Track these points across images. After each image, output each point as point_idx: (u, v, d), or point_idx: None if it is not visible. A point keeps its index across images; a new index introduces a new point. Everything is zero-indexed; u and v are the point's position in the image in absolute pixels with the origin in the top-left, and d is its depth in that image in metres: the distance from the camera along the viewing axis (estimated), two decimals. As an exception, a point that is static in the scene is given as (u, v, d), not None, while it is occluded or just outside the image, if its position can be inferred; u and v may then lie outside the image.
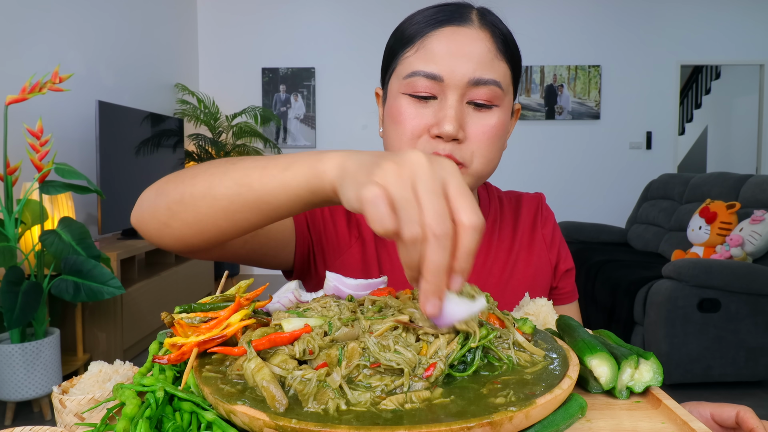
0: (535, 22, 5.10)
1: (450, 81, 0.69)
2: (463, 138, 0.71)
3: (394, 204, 0.37)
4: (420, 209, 0.37)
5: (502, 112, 0.73)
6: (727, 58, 5.23)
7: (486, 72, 0.70)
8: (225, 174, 0.53)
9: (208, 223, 0.55)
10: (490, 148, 0.72)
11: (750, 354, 2.61)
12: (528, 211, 0.89)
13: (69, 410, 0.53)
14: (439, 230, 0.37)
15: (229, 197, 0.52)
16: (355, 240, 0.82)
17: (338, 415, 0.38)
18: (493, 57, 0.71)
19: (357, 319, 0.49)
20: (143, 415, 0.42)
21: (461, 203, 0.38)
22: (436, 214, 0.37)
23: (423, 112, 0.71)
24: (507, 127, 0.76)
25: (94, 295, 2.29)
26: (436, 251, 0.37)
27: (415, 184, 0.38)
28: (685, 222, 3.51)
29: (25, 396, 2.29)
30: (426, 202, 0.37)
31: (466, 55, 0.70)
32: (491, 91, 0.71)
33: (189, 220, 0.55)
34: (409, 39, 0.73)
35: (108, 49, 3.66)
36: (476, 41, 0.71)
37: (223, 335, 0.48)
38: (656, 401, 0.49)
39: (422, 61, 0.71)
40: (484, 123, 0.71)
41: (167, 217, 0.56)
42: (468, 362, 0.46)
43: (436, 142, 0.70)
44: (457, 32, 0.71)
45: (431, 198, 0.37)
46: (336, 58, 5.05)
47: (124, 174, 3.36)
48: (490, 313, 0.50)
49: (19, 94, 2.26)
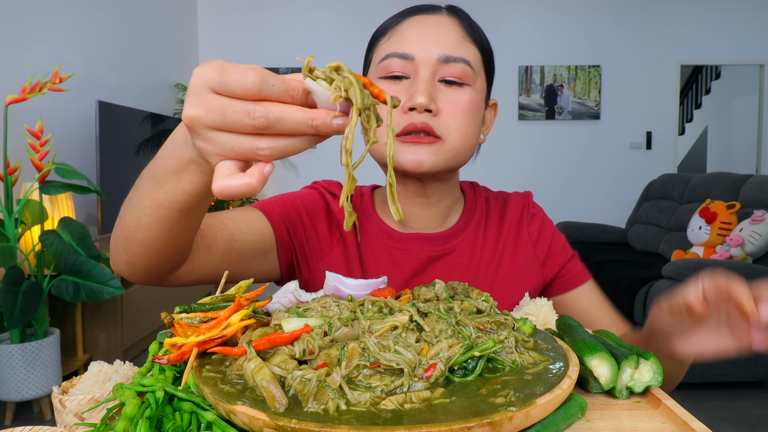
0: (535, 22, 5.10)
1: (421, 59, 0.73)
2: (436, 111, 0.73)
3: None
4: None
5: (474, 91, 0.76)
6: (727, 58, 5.23)
7: (455, 51, 0.74)
8: (138, 203, 0.56)
9: (155, 246, 0.58)
10: (464, 123, 0.75)
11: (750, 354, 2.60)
12: (514, 210, 0.90)
13: (69, 410, 0.53)
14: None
15: (154, 221, 0.55)
16: (337, 241, 0.83)
17: (338, 415, 0.38)
18: (462, 38, 0.75)
19: (357, 319, 0.49)
20: (143, 415, 0.42)
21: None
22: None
23: (397, 91, 0.74)
24: (480, 108, 0.78)
25: (94, 295, 2.29)
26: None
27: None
28: (685, 222, 3.51)
29: (25, 396, 2.29)
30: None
31: (435, 36, 0.74)
32: (462, 69, 0.74)
33: (140, 251, 0.59)
34: (383, 31, 0.80)
35: (108, 49, 3.66)
36: (444, 25, 0.76)
37: (223, 335, 0.48)
38: (656, 401, 0.49)
39: (395, 44, 0.76)
40: (456, 98, 0.74)
41: (126, 254, 0.61)
42: (469, 369, 0.45)
43: (410, 115, 0.72)
44: (426, 18, 0.77)
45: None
46: (336, 58, 5.05)
47: (124, 174, 3.36)
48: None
49: (19, 94, 2.26)
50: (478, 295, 0.59)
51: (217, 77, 0.39)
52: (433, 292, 0.58)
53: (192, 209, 0.55)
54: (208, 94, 0.40)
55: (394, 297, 0.58)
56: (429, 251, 0.83)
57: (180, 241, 0.60)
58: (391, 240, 0.83)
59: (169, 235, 0.57)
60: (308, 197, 0.85)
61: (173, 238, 0.58)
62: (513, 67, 5.11)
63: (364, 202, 0.88)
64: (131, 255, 0.60)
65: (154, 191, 0.53)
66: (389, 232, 0.84)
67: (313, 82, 0.39)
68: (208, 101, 0.40)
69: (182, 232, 0.58)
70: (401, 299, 0.57)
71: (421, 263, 0.82)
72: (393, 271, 0.82)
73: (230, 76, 0.39)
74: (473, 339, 0.48)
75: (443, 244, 0.84)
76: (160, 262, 0.61)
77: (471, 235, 0.86)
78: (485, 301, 0.56)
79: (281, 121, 0.39)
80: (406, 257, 0.83)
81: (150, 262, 0.61)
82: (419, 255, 0.83)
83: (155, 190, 0.53)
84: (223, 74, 0.39)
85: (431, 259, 0.83)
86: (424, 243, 0.83)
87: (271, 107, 0.39)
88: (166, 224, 0.55)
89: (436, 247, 0.83)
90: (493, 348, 0.46)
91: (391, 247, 0.83)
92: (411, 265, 0.82)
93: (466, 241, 0.85)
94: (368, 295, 0.55)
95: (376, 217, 0.86)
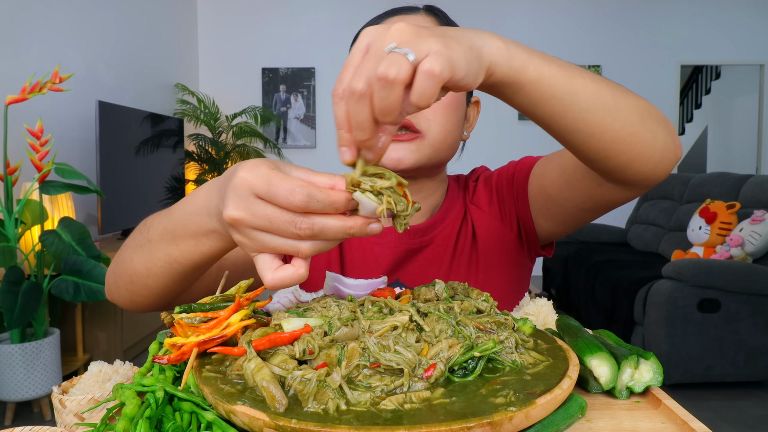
0: (535, 22, 5.10)
1: None
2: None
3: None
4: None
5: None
6: (727, 58, 5.23)
7: None
8: (150, 253, 0.59)
9: (162, 290, 0.62)
10: (445, 116, 0.75)
11: (750, 354, 2.61)
12: (481, 189, 0.87)
13: (69, 410, 0.53)
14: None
15: (166, 273, 0.59)
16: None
17: (338, 415, 0.38)
18: None
19: (357, 319, 0.49)
20: (143, 415, 0.42)
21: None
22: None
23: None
24: (461, 104, 0.78)
25: (94, 295, 2.29)
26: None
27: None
28: (685, 222, 3.51)
29: (25, 396, 2.29)
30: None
31: None
32: None
33: (145, 293, 0.63)
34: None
35: (108, 49, 3.66)
36: (421, 23, 0.77)
37: (222, 335, 0.48)
38: (656, 401, 0.49)
39: None
40: None
41: (129, 293, 0.64)
42: (469, 370, 0.45)
43: None
44: (403, 18, 0.79)
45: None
46: (336, 58, 5.05)
47: (124, 174, 3.36)
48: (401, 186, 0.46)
49: (19, 94, 2.26)
50: (478, 295, 0.59)
51: (265, 188, 0.42)
52: (433, 292, 0.58)
53: (205, 265, 0.59)
54: (254, 199, 0.43)
55: (394, 297, 0.58)
56: (408, 244, 0.83)
57: (187, 286, 0.64)
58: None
59: (179, 283, 0.61)
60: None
61: (182, 286, 0.62)
62: (513, 67, 5.11)
63: None
64: (135, 295, 0.64)
65: (168, 247, 0.56)
66: None
67: (362, 195, 0.43)
68: (253, 206, 0.43)
69: (192, 281, 0.63)
70: (401, 299, 0.57)
71: (399, 257, 0.83)
72: (373, 266, 0.83)
73: (278, 190, 0.42)
74: (473, 339, 0.48)
75: (421, 236, 0.83)
76: (163, 301, 0.65)
77: (449, 226, 0.85)
78: (485, 301, 0.56)
79: (324, 232, 0.43)
80: (385, 251, 0.83)
81: (153, 302, 0.65)
82: (398, 248, 0.83)
83: (170, 246, 0.56)
84: (271, 186, 0.42)
85: (410, 252, 0.83)
86: (403, 237, 0.83)
87: (316, 220, 0.43)
88: (177, 277, 0.59)
89: (415, 240, 0.83)
90: (493, 349, 0.46)
91: (370, 241, 0.83)
92: (389, 259, 0.82)
93: (444, 232, 0.85)
94: (368, 295, 0.55)
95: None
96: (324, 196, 0.42)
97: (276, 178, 0.42)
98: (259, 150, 4.86)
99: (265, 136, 4.89)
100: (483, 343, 0.47)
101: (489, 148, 4.83)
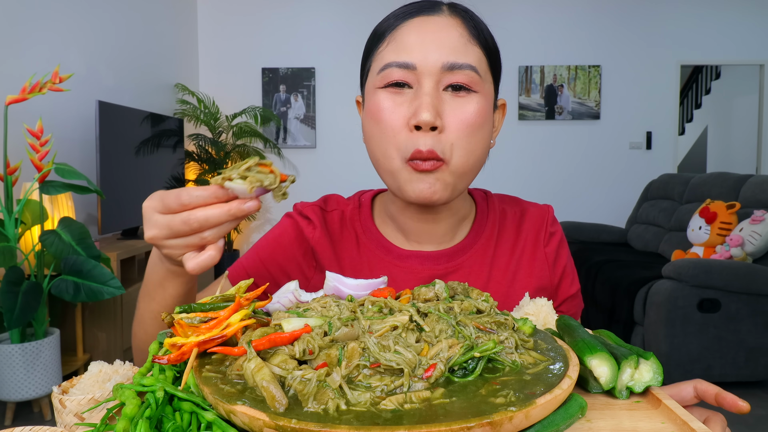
0: (535, 22, 5.10)
1: (423, 68, 0.67)
2: (442, 127, 0.67)
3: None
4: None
5: (482, 99, 0.70)
6: (727, 58, 5.23)
7: (460, 56, 0.68)
8: (141, 319, 0.69)
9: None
10: (470, 138, 0.68)
11: (750, 354, 2.61)
12: (531, 224, 0.83)
13: (69, 410, 0.53)
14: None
15: (156, 327, 0.68)
16: (314, 271, 0.82)
17: (338, 415, 0.38)
18: (466, 42, 0.69)
19: (357, 319, 0.49)
20: (143, 415, 0.42)
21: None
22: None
23: (400, 104, 0.68)
24: (488, 117, 0.71)
25: (94, 295, 2.28)
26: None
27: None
28: (685, 222, 3.51)
29: (25, 396, 2.29)
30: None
31: (438, 41, 0.68)
32: (467, 75, 0.68)
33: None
34: (381, 35, 0.72)
35: (108, 49, 3.66)
36: (447, 27, 0.69)
37: (222, 335, 0.48)
38: (656, 401, 0.49)
39: (394, 52, 0.69)
40: (463, 110, 0.68)
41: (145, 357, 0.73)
42: (469, 370, 0.45)
43: (416, 136, 0.67)
44: (427, 21, 0.70)
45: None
46: (336, 58, 5.05)
47: (124, 174, 3.36)
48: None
49: (19, 94, 2.26)
50: (478, 295, 0.59)
51: (159, 203, 0.54)
52: (433, 292, 0.58)
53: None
54: (157, 216, 0.54)
55: (394, 297, 0.58)
56: (431, 270, 0.78)
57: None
58: (390, 256, 0.79)
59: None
60: (281, 234, 0.82)
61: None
62: (513, 67, 5.11)
63: (363, 213, 0.83)
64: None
65: (149, 305, 0.67)
66: (389, 248, 0.79)
67: (231, 183, 0.52)
68: (157, 221, 0.54)
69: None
70: (401, 299, 0.57)
71: (421, 283, 0.76)
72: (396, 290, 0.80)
73: (168, 198, 0.53)
74: (473, 339, 0.48)
75: (447, 262, 0.78)
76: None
77: (479, 253, 0.80)
78: (485, 301, 0.56)
79: (209, 219, 0.52)
80: (407, 276, 0.78)
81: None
82: (420, 274, 0.78)
83: (150, 303, 0.67)
84: (163, 198, 0.54)
85: (433, 278, 0.77)
86: (426, 262, 0.78)
87: (201, 213, 0.52)
88: (165, 327, 0.66)
89: (439, 265, 0.78)
90: (493, 349, 0.46)
91: (390, 264, 0.79)
92: (411, 285, 0.76)
93: (473, 258, 0.79)
94: (368, 295, 0.55)
95: (375, 230, 0.81)
96: (200, 191, 0.52)
97: (165, 193, 0.54)
98: (259, 150, 4.86)
99: (265, 136, 4.90)
100: (483, 343, 0.47)
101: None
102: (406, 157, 0.68)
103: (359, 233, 0.81)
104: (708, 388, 0.55)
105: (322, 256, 0.81)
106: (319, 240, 0.81)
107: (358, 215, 0.83)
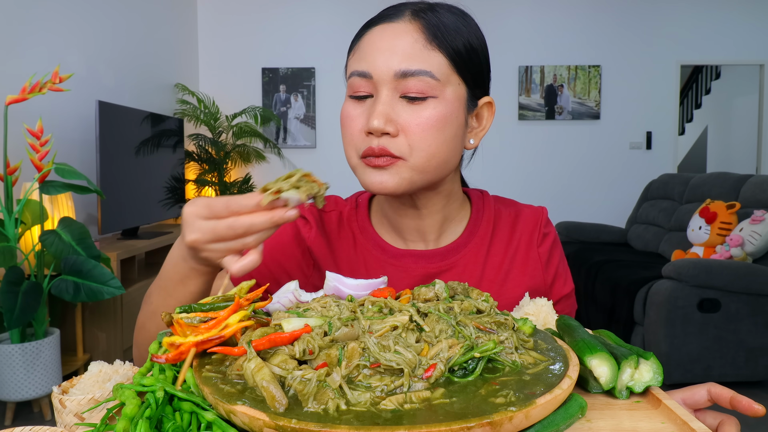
0: (535, 22, 5.10)
1: (378, 76, 0.70)
2: (395, 131, 0.69)
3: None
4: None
5: (440, 103, 0.70)
6: (727, 58, 5.23)
7: (413, 63, 0.69)
8: (155, 313, 0.71)
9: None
10: (429, 140, 0.70)
11: (750, 354, 2.61)
12: (525, 225, 0.85)
13: (69, 410, 0.53)
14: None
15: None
16: (312, 270, 0.83)
17: (338, 415, 0.38)
18: (422, 47, 0.70)
19: (357, 319, 0.49)
20: (143, 415, 0.42)
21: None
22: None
23: (360, 112, 0.72)
24: (450, 119, 0.71)
25: (94, 295, 2.28)
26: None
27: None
28: (685, 222, 3.51)
29: (25, 396, 2.29)
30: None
31: (391, 48, 0.70)
32: (422, 82, 0.69)
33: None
34: (352, 44, 0.77)
35: (108, 49, 3.66)
36: (402, 34, 0.70)
37: (221, 336, 0.48)
38: (656, 401, 0.49)
39: (356, 62, 0.73)
40: (419, 115, 0.69)
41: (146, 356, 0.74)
42: (469, 370, 0.45)
43: (369, 138, 0.71)
44: (386, 29, 0.72)
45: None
46: (336, 58, 5.04)
47: (124, 174, 3.36)
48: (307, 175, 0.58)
49: (19, 94, 2.26)
50: (478, 295, 0.59)
51: (206, 210, 0.57)
52: (433, 292, 0.58)
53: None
54: (200, 221, 0.57)
55: (394, 297, 0.58)
56: (424, 269, 0.80)
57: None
58: (386, 255, 0.82)
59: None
60: (280, 234, 0.83)
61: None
62: (513, 67, 5.11)
63: (360, 214, 0.85)
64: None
65: (166, 300, 0.69)
66: (385, 248, 0.82)
67: (288, 193, 0.56)
68: (201, 226, 0.57)
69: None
70: (401, 299, 0.57)
71: (416, 281, 0.80)
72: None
73: (216, 205, 0.57)
74: (473, 339, 0.48)
75: (440, 261, 0.81)
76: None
77: (473, 252, 0.82)
78: (485, 301, 0.56)
79: (254, 225, 0.56)
80: (401, 274, 0.80)
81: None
82: (414, 272, 0.80)
83: (167, 299, 0.68)
84: (210, 205, 0.57)
85: (427, 276, 0.80)
86: (420, 260, 0.81)
87: (244, 219, 0.56)
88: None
89: (433, 264, 0.80)
90: (493, 349, 0.46)
91: (385, 262, 0.81)
92: (405, 283, 0.79)
93: (466, 257, 0.81)
94: (368, 295, 0.55)
95: (371, 230, 0.84)
96: (247, 200, 0.56)
97: (212, 199, 0.57)
98: (260, 150, 4.86)
99: (265, 136, 4.89)
100: (483, 343, 0.47)
101: (489, 148, 4.84)
102: (360, 155, 0.72)
103: (356, 233, 0.84)
104: (722, 392, 0.55)
105: (319, 255, 0.83)
106: (315, 239, 0.83)
107: (355, 215, 0.85)
